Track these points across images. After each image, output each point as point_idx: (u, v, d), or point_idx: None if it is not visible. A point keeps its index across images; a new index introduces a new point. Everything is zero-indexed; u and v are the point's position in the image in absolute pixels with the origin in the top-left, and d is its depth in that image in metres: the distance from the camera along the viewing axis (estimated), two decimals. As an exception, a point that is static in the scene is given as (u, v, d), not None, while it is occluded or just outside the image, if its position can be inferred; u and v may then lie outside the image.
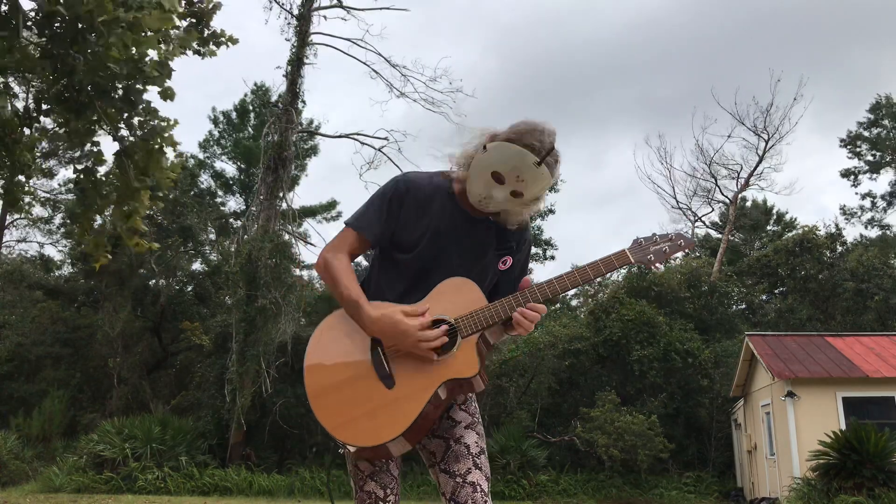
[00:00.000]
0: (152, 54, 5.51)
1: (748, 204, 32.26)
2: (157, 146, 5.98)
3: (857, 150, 33.59)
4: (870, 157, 33.33)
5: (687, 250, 2.04)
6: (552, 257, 30.23)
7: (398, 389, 1.89)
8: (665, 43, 50.73)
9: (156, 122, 5.90)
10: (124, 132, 5.81)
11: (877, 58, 45.34)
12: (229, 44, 6.61)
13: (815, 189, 49.52)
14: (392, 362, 1.93)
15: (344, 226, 2.10)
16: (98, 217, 6.24)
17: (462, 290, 1.99)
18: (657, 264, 2.01)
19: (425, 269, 2.04)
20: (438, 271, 2.03)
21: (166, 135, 5.96)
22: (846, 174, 33.76)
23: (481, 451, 2.02)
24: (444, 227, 2.04)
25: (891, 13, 44.81)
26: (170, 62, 5.66)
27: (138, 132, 5.83)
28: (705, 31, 50.05)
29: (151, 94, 5.85)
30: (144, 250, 6.19)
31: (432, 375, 1.89)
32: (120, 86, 5.38)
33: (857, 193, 33.82)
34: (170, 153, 6.22)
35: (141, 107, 5.69)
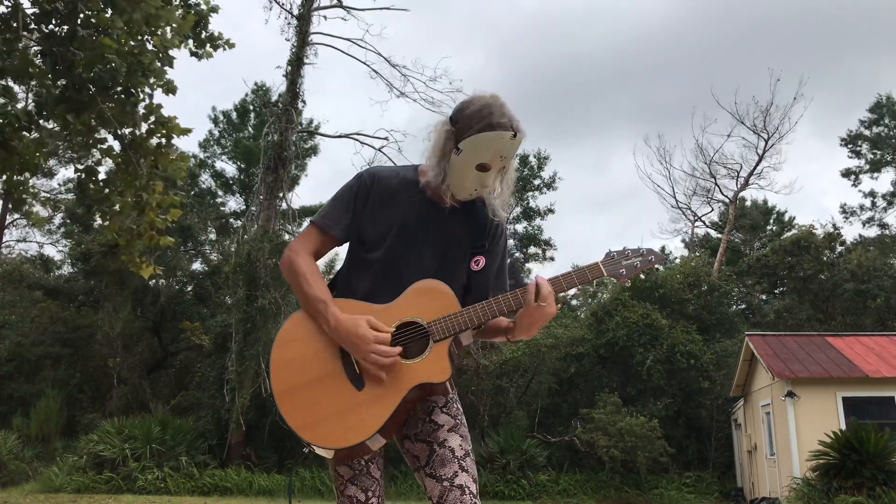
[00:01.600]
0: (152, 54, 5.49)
1: (747, 204, 32.27)
2: (163, 139, 5.95)
3: (858, 149, 33.44)
4: (870, 156, 33.23)
5: (658, 265, 2.06)
6: (552, 258, 30.32)
7: (367, 392, 1.87)
8: (665, 51, 51.26)
9: (155, 116, 5.87)
10: (126, 130, 5.79)
11: (875, 64, 45.45)
12: (226, 47, 6.61)
13: (815, 190, 49.78)
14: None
15: (308, 223, 2.08)
16: (112, 218, 6.18)
17: (435, 292, 1.96)
18: (626, 279, 2.04)
19: (395, 264, 2.00)
20: (408, 266, 2.00)
21: (171, 124, 5.91)
22: (847, 174, 33.62)
23: (466, 453, 1.99)
24: (412, 220, 2.02)
25: (889, 21, 45.00)
26: (169, 51, 5.63)
27: (142, 127, 5.81)
28: (704, 40, 50.54)
29: (154, 93, 5.84)
30: (158, 244, 6.13)
31: (402, 379, 1.87)
32: (120, 81, 5.35)
33: (859, 192, 33.67)
34: (180, 144, 6.22)
35: (143, 104, 5.68)
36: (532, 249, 29.57)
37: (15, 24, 5.18)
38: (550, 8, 50.89)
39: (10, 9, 5.19)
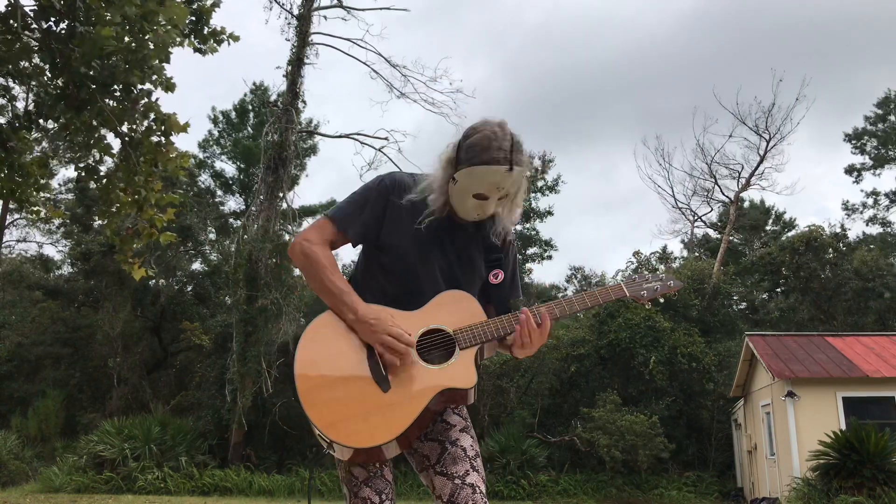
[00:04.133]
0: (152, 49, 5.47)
1: (745, 205, 32.18)
2: (162, 137, 5.94)
3: (863, 144, 32.93)
4: (875, 153, 32.64)
5: (675, 293, 2.26)
6: (549, 257, 30.42)
7: (393, 394, 1.86)
8: (668, 60, 51.89)
9: (153, 114, 5.86)
10: (126, 128, 5.78)
11: (874, 74, 45.50)
12: (230, 41, 6.57)
13: (814, 193, 49.93)
14: (389, 365, 1.90)
15: (323, 216, 2.04)
16: (111, 218, 6.16)
17: (461, 302, 1.99)
18: (647, 302, 2.20)
19: (412, 274, 2.01)
20: (424, 277, 2.00)
21: (170, 121, 5.88)
22: (850, 170, 33.15)
23: (477, 453, 2.01)
24: (427, 232, 2.00)
25: (888, 30, 45.14)
26: (168, 47, 5.61)
27: (143, 126, 5.79)
28: (706, 50, 51.07)
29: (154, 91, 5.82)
30: (158, 240, 6.11)
31: (429, 382, 1.87)
32: (120, 78, 5.34)
33: (861, 190, 33.46)
34: (179, 143, 6.19)
35: (143, 101, 5.66)
36: (532, 250, 29.64)
37: (15, 25, 5.17)
38: (555, 19, 51.51)
39: (9, 8, 5.19)
